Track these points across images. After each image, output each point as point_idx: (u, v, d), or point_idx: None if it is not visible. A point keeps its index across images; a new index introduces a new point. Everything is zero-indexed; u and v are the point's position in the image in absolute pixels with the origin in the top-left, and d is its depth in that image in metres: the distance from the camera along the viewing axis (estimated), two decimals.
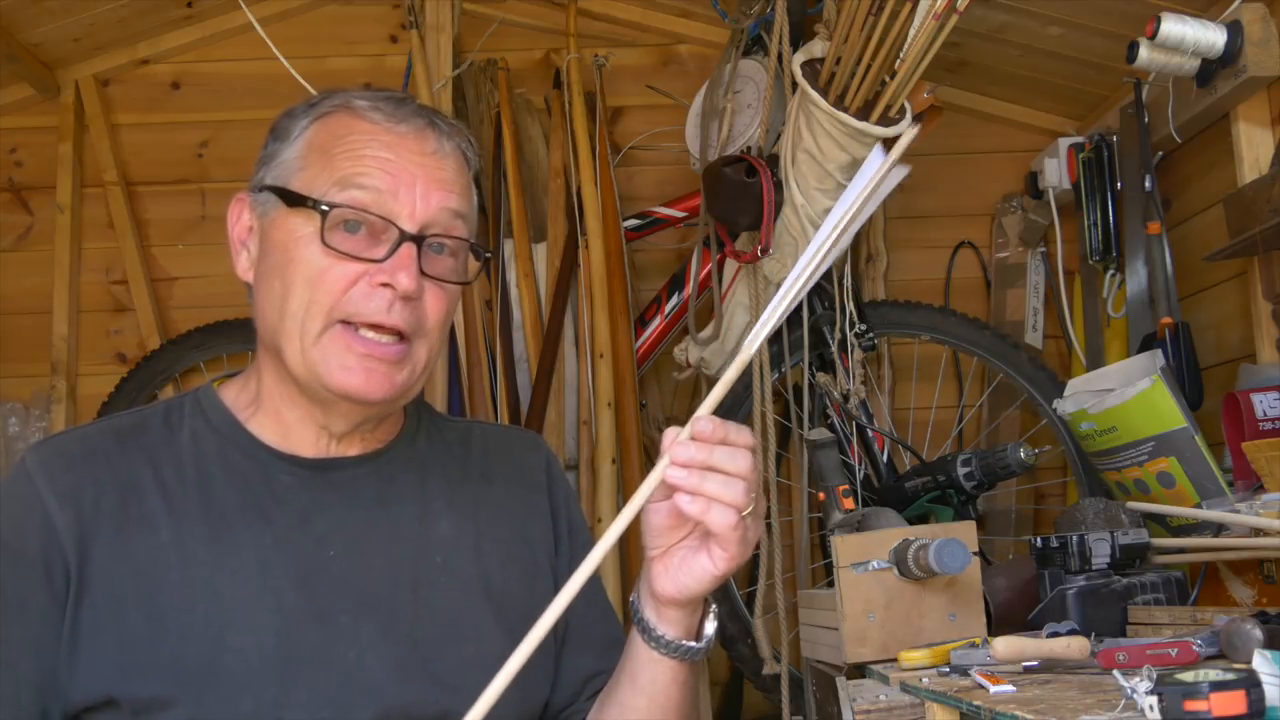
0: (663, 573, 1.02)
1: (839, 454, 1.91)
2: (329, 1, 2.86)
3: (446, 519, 1.18)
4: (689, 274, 2.50)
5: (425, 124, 1.13)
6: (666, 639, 1.06)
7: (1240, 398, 1.81)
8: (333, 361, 1.07)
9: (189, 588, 1.05)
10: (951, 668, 1.24)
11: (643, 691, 1.10)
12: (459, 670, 1.10)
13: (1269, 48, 1.91)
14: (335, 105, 1.13)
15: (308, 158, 1.11)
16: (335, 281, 1.07)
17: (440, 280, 1.11)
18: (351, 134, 1.10)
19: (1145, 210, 2.21)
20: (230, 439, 1.14)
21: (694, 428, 0.94)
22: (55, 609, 1.03)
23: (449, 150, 1.14)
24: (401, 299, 1.07)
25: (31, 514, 1.05)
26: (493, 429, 1.34)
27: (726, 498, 0.94)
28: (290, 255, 1.08)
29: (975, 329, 2.47)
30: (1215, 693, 0.83)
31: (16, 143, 2.81)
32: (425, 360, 1.12)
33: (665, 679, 1.09)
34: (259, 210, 1.14)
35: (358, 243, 1.07)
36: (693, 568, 1.00)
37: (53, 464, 1.07)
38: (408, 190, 1.09)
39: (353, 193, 1.08)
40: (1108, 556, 1.48)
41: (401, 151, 1.10)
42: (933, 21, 1.87)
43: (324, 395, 1.09)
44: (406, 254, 1.07)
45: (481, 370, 2.48)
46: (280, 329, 1.09)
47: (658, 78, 2.84)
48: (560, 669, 1.22)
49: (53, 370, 2.68)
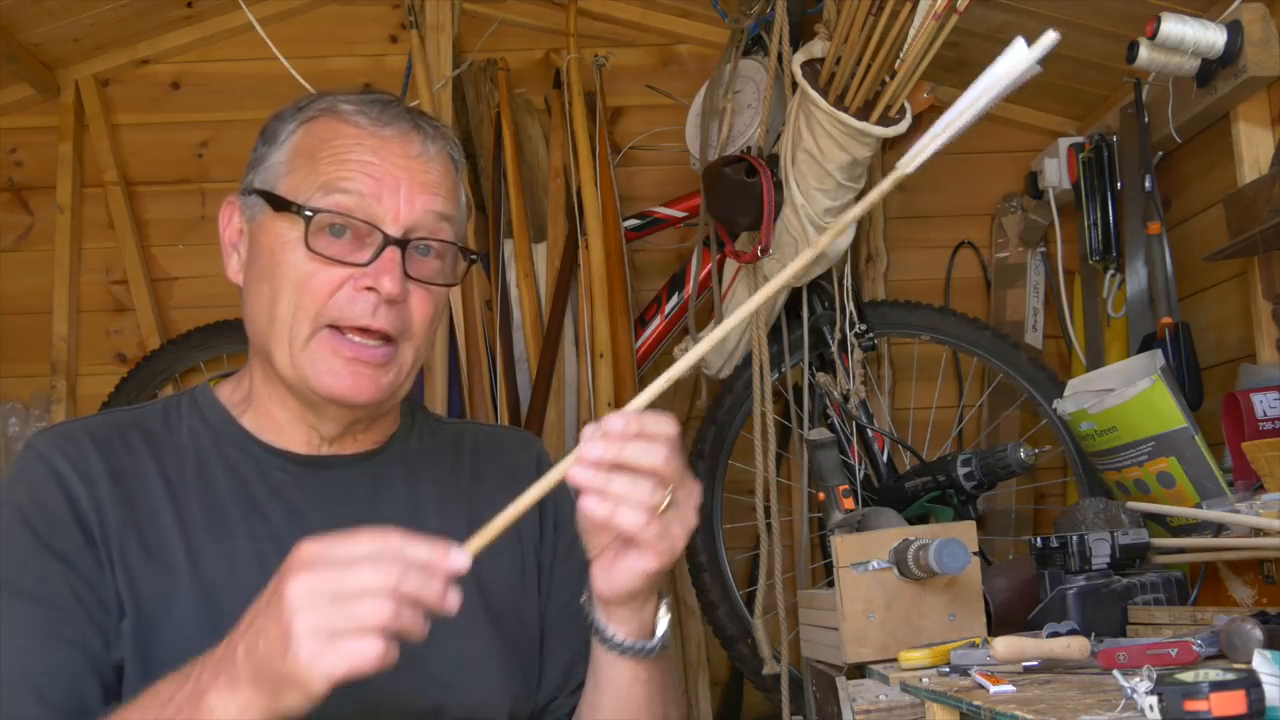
0: (600, 573, 1.01)
1: (839, 454, 1.91)
2: (329, 1, 2.85)
3: (437, 517, 1.19)
4: (689, 274, 2.50)
5: (410, 127, 1.14)
6: (617, 639, 1.05)
7: (1240, 398, 1.81)
8: (320, 366, 1.08)
9: (192, 574, 1.07)
10: (951, 668, 1.24)
11: (605, 692, 1.10)
12: (450, 665, 1.11)
13: (1269, 48, 1.91)
14: (321, 109, 1.14)
15: (293, 162, 1.12)
16: (321, 286, 1.08)
17: (426, 283, 1.12)
18: (336, 138, 1.11)
19: (1145, 210, 2.21)
20: (225, 435, 1.15)
21: (605, 424, 0.91)
22: (101, 570, 1.05)
23: (434, 153, 1.14)
24: (386, 302, 1.08)
25: (54, 487, 1.06)
26: (485, 429, 1.35)
27: (633, 496, 0.90)
28: (277, 259, 1.10)
29: (975, 329, 2.47)
30: (1215, 693, 0.83)
31: (16, 143, 2.81)
32: (412, 362, 1.13)
33: (625, 678, 1.08)
34: (248, 214, 1.15)
35: (342, 247, 1.08)
36: (624, 566, 0.98)
37: (65, 446, 1.09)
38: (391, 194, 1.09)
39: (336, 197, 1.08)
40: (1108, 556, 1.48)
41: (386, 155, 1.11)
42: (933, 21, 1.87)
43: (312, 399, 1.11)
44: (390, 258, 1.08)
45: (481, 370, 2.48)
46: (270, 333, 1.10)
47: (658, 78, 2.84)
48: (543, 666, 1.22)
49: (53, 370, 2.68)
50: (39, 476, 1.07)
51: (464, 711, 1.13)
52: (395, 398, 1.15)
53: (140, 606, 1.04)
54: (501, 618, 1.18)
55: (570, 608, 1.23)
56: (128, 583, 1.05)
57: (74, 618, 1.02)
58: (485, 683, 1.15)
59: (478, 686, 1.14)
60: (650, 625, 1.06)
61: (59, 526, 1.05)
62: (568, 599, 1.23)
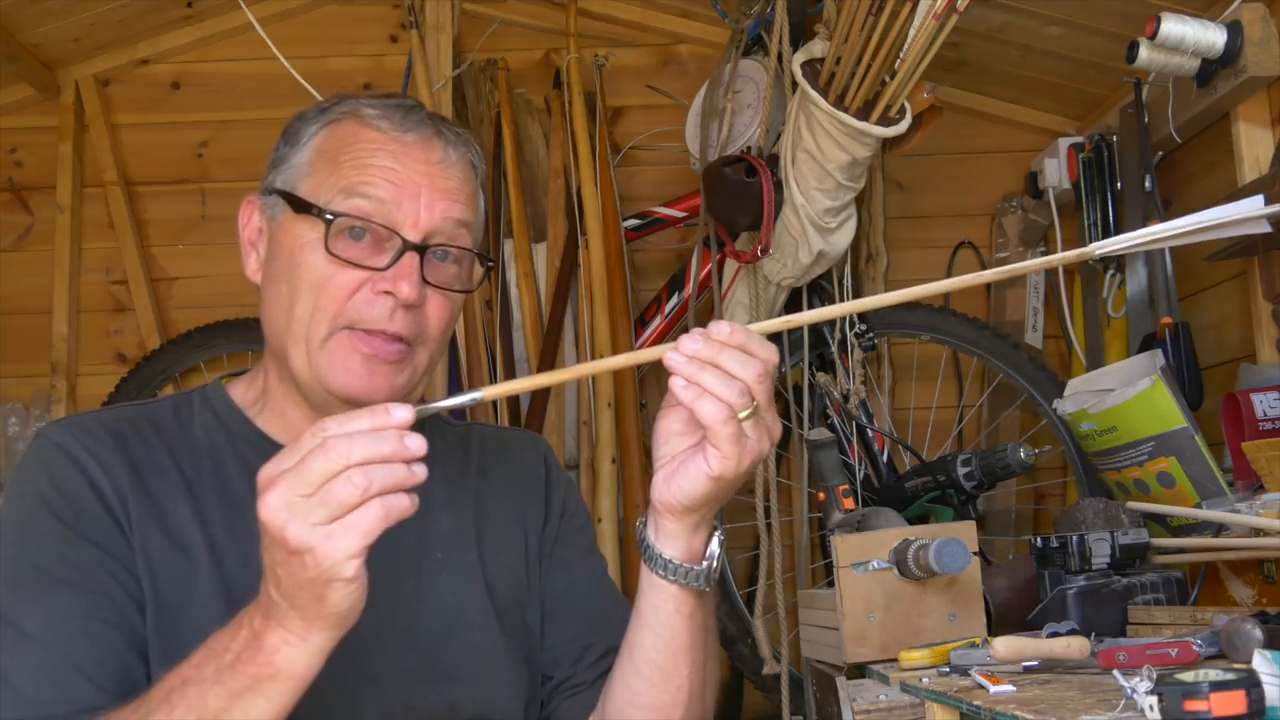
0: (663, 481, 1.02)
1: (839, 454, 1.91)
2: (329, 1, 2.86)
3: (446, 514, 1.20)
4: (689, 274, 2.50)
5: (432, 133, 1.14)
6: (665, 557, 1.05)
7: (1240, 398, 1.81)
8: (337, 365, 1.09)
9: (210, 563, 1.07)
10: (951, 668, 1.24)
11: (646, 624, 1.09)
12: (461, 661, 1.12)
13: (1269, 48, 1.91)
14: (344, 112, 1.15)
15: (315, 164, 1.13)
16: (339, 288, 1.08)
17: (443, 289, 1.13)
18: (359, 142, 1.12)
19: (1145, 210, 2.21)
20: (239, 434, 1.16)
21: (712, 328, 0.94)
22: (130, 553, 1.05)
23: (455, 159, 1.15)
24: (404, 307, 1.08)
25: (76, 474, 1.06)
26: (491, 430, 1.36)
27: (719, 391, 0.93)
28: (296, 260, 1.10)
29: (975, 329, 2.47)
30: (1215, 693, 0.83)
31: (16, 143, 2.81)
32: (425, 365, 1.14)
33: (668, 608, 1.07)
34: (268, 213, 1.16)
35: (361, 250, 1.09)
36: (689, 470, 0.99)
37: (81, 437, 1.09)
38: (412, 200, 1.10)
39: (357, 201, 1.09)
40: (1108, 556, 1.48)
41: (407, 161, 1.11)
42: (933, 21, 1.87)
43: (326, 399, 1.11)
44: (409, 263, 1.09)
45: (481, 370, 2.48)
46: (287, 333, 1.11)
47: (658, 78, 2.84)
48: (546, 641, 1.23)
49: (53, 370, 2.69)
50: (59, 465, 1.07)
51: (477, 707, 1.13)
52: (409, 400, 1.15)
53: (161, 595, 1.05)
54: (507, 613, 1.19)
55: (578, 587, 1.25)
56: (149, 571, 1.05)
57: (115, 600, 1.03)
58: (496, 677, 1.16)
59: (489, 682, 1.15)
60: (699, 554, 1.06)
61: (87, 514, 1.05)
62: (574, 579, 1.25)
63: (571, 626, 1.23)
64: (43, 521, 1.04)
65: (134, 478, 1.08)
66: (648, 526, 1.07)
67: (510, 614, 1.20)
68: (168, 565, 1.06)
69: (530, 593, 1.24)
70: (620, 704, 1.13)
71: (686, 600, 1.07)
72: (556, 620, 1.24)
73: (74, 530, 1.04)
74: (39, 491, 1.06)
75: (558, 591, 1.25)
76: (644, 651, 1.09)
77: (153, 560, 1.05)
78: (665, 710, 1.10)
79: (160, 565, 1.06)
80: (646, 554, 1.07)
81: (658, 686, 1.10)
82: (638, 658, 1.10)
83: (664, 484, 1.02)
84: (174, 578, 1.06)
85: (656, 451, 1.03)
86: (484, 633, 1.15)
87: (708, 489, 0.99)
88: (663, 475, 1.02)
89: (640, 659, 1.10)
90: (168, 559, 1.06)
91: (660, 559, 1.05)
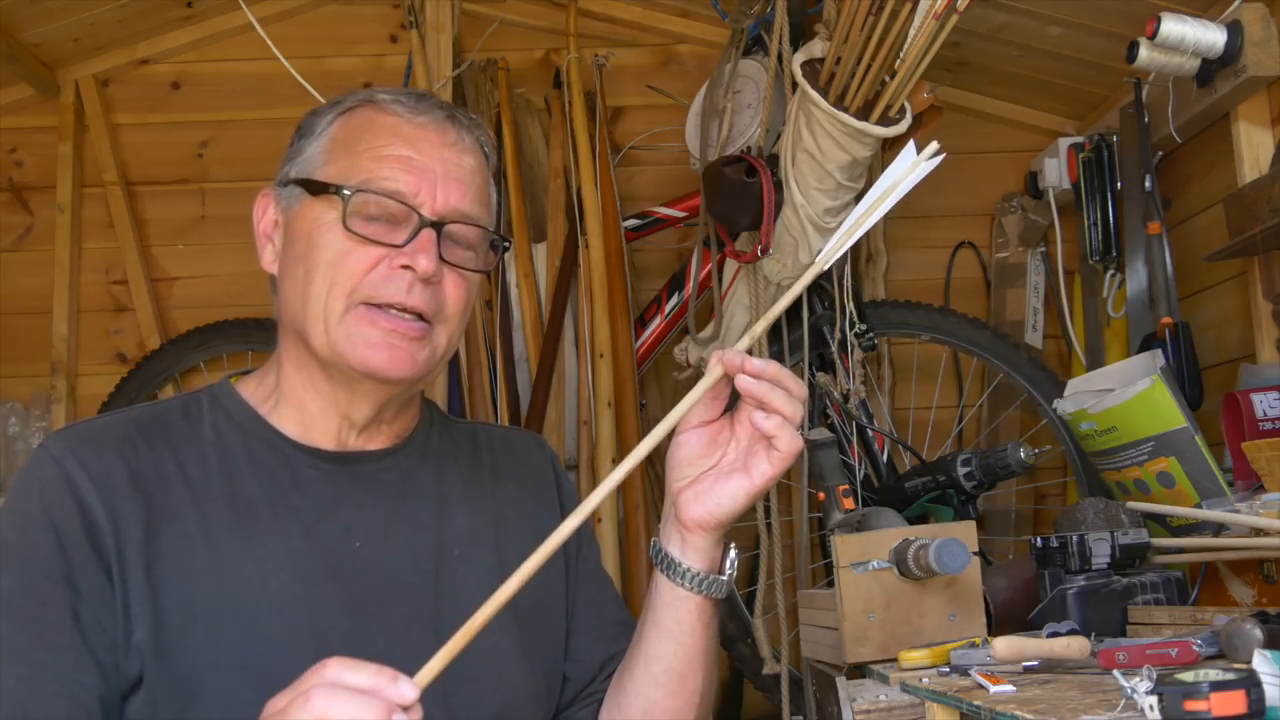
0: (692, 499, 1.07)
1: (839, 454, 1.91)
2: (329, 1, 2.86)
3: (463, 512, 1.20)
4: (689, 274, 2.50)
5: (445, 117, 1.16)
6: (692, 572, 1.09)
7: (1240, 398, 1.81)
8: (357, 339, 1.09)
9: (218, 575, 1.06)
10: (951, 668, 1.24)
11: (669, 635, 1.12)
12: (479, 661, 1.12)
13: (1269, 48, 1.91)
14: (359, 101, 1.16)
15: (331, 152, 1.14)
16: (357, 264, 1.09)
17: (460, 267, 1.13)
18: (375, 127, 1.13)
19: (1145, 210, 2.21)
20: (253, 433, 1.15)
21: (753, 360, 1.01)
22: (108, 588, 1.03)
23: (468, 143, 1.17)
24: (422, 281, 1.09)
25: (67, 496, 1.05)
26: (496, 430, 1.36)
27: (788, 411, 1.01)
28: (314, 241, 1.11)
29: (975, 329, 2.47)
30: (1215, 693, 0.83)
31: (16, 143, 2.81)
32: (445, 345, 1.15)
33: (691, 619, 1.11)
34: (283, 204, 1.17)
35: (379, 228, 1.10)
36: (727, 486, 1.06)
37: (80, 450, 1.07)
38: (428, 185, 1.12)
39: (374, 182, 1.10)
40: (1108, 556, 1.48)
41: (422, 145, 1.13)
42: (933, 21, 1.86)
43: (348, 375, 1.11)
44: (426, 238, 1.10)
45: (481, 370, 2.48)
46: (304, 313, 1.11)
47: (658, 78, 2.84)
48: (574, 653, 1.24)
49: (53, 370, 2.68)
50: (53, 485, 1.05)
51: (489, 710, 1.13)
52: (426, 379, 1.16)
53: (160, 615, 1.03)
54: (527, 619, 1.18)
55: (596, 602, 1.27)
56: (147, 592, 1.03)
57: (70, 649, 1.00)
58: (510, 681, 1.16)
59: (503, 685, 1.15)
60: (721, 564, 1.12)
61: (69, 541, 1.03)
62: (593, 594, 1.26)
63: (599, 641, 1.25)
64: (25, 547, 1.03)
65: (135, 493, 1.06)
66: (670, 544, 1.11)
67: (529, 619, 1.19)
68: (168, 583, 1.04)
69: (554, 600, 1.24)
70: (635, 713, 1.15)
71: (707, 609, 1.12)
72: (584, 634, 1.25)
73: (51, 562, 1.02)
74: (29, 512, 1.04)
75: (584, 604, 1.26)
76: (664, 662, 1.13)
77: (152, 579, 1.04)
78: (680, 713, 1.14)
79: (160, 583, 1.04)
80: (672, 570, 1.10)
81: (675, 693, 1.14)
82: (656, 669, 1.13)
83: (695, 502, 1.07)
84: (176, 594, 1.04)
85: (676, 473, 1.08)
86: (501, 634, 1.15)
87: (744, 504, 1.07)
88: (691, 495, 1.07)
89: (659, 669, 1.13)
90: (168, 576, 1.04)
91: (689, 573, 1.10)
